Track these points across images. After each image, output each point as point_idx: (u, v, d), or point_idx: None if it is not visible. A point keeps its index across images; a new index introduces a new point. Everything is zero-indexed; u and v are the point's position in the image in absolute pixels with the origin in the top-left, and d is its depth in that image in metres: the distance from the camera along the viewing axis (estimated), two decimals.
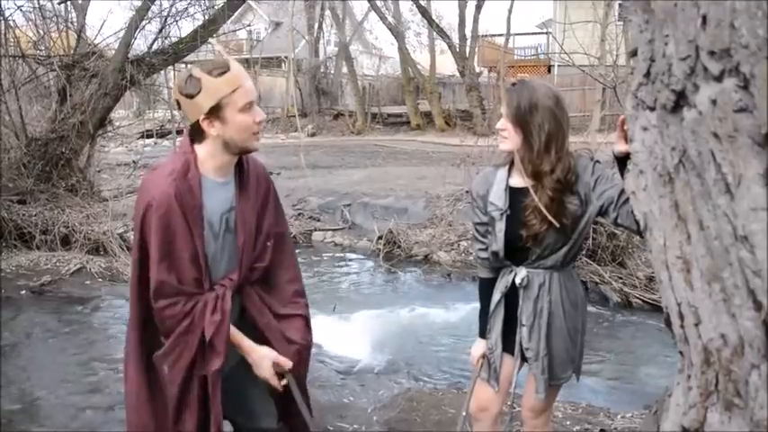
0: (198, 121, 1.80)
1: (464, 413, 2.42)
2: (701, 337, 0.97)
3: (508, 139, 2.15)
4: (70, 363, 4.23)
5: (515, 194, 2.20)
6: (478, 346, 2.41)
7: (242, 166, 1.95)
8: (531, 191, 2.12)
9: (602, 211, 2.09)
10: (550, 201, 2.09)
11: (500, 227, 2.21)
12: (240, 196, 1.92)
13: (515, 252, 2.22)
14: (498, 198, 2.22)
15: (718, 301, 0.90)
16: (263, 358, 1.91)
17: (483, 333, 2.39)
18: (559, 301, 2.22)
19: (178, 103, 1.84)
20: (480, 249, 2.34)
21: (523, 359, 2.30)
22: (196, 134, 1.85)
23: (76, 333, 4.83)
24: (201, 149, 1.86)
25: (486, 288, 2.37)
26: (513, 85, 2.18)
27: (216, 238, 1.89)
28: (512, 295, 2.27)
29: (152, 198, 1.79)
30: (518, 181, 2.21)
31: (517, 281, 2.22)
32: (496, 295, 2.30)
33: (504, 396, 2.42)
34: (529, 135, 2.09)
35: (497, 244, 2.22)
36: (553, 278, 2.21)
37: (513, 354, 2.31)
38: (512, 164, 2.25)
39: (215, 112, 1.78)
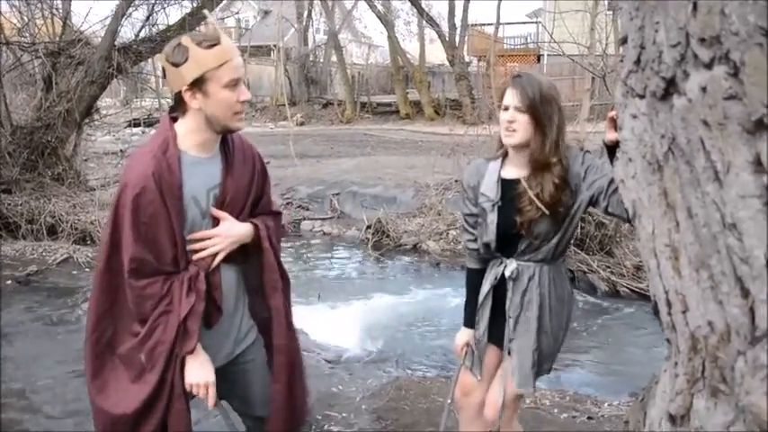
0: (180, 91, 1.77)
1: (449, 400, 2.43)
2: (688, 325, 0.97)
3: (518, 131, 2.12)
4: (58, 353, 4.20)
5: (508, 186, 2.20)
6: (462, 335, 2.42)
7: (227, 143, 1.92)
8: (524, 183, 2.13)
9: (593, 201, 2.10)
10: (555, 188, 2.09)
11: (492, 218, 2.20)
12: (227, 172, 1.89)
13: (506, 244, 2.22)
14: (490, 189, 2.22)
15: (705, 288, 0.90)
16: (204, 364, 1.87)
17: (467, 322, 2.40)
18: (547, 294, 2.22)
19: (164, 71, 1.80)
20: (469, 240, 2.34)
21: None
22: (178, 105, 1.82)
23: (64, 323, 4.79)
24: (182, 125, 1.83)
25: (473, 279, 2.38)
26: (518, 76, 2.15)
27: (204, 215, 1.86)
28: (500, 287, 2.27)
29: (129, 179, 1.77)
30: (511, 172, 2.21)
31: (507, 273, 2.22)
32: (485, 287, 2.30)
33: (487, 385, 2.43)
34: (543, 126, 2.09)
35: (489, 235, 2.21)
36: (543, 271, 2.21)
37: (497, 345, 2.33)
38: (505, 156, 2.24)
39: (198, 84, 1.74)
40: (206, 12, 2.01)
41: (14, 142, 7.39)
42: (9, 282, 5.65)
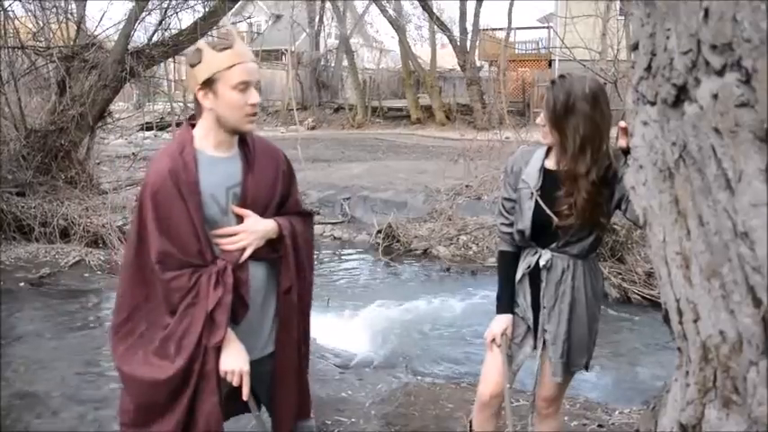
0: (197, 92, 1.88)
1: (508, 385, 2.35)
2: (699, 334, 0.96)
3: (548, 134, 2.16)
4: (70, 355, 4.23)
5: (548, 176, 2.21)
6: (500, 322, 2.34)
7: (247, 144, 1.99)
8: (563, 193, 2.14)
9: (619, 203, 2.12)
10: (586, 203, 2.09)
11: (529, 205, 2.22)
12: (247, 171, 1.95)
13: (541, 234, 2.22)
14: (531, 177, 2.23)
15: (717, 297, 0.89)
16: (239, 352, 1.91)
17: (503, 308, 2.35)
18: (582, 287, 2.23)
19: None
20: (503, 224, 2.34)
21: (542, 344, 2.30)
22: (197, 107, 1.92)
23: (75, 325, 4.82)
24: (200, 126, 1.93)
25: (505, 262, 2.36)
26: (553, 82, 2.15)
27: (224, 212, 1.91)
28: (532, 278, 2.28)
29: (148, 178, 1.88)
30: (554, 164, 2.22)
31: (541, 262, 2.23)
32: (518, 275, 2.30)
33: (507, 379, 2.36)
34: (564, 137, 2.10)
35: (524, 222, 2.22)
36: (577, 264, 2.22)
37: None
38: (551, 147, 2.25)
39: (209, 84, 1.84)
40: (225, 21, 2.12)
41: (28, 145, 7.45)
42: (22, 284, 5.70)
